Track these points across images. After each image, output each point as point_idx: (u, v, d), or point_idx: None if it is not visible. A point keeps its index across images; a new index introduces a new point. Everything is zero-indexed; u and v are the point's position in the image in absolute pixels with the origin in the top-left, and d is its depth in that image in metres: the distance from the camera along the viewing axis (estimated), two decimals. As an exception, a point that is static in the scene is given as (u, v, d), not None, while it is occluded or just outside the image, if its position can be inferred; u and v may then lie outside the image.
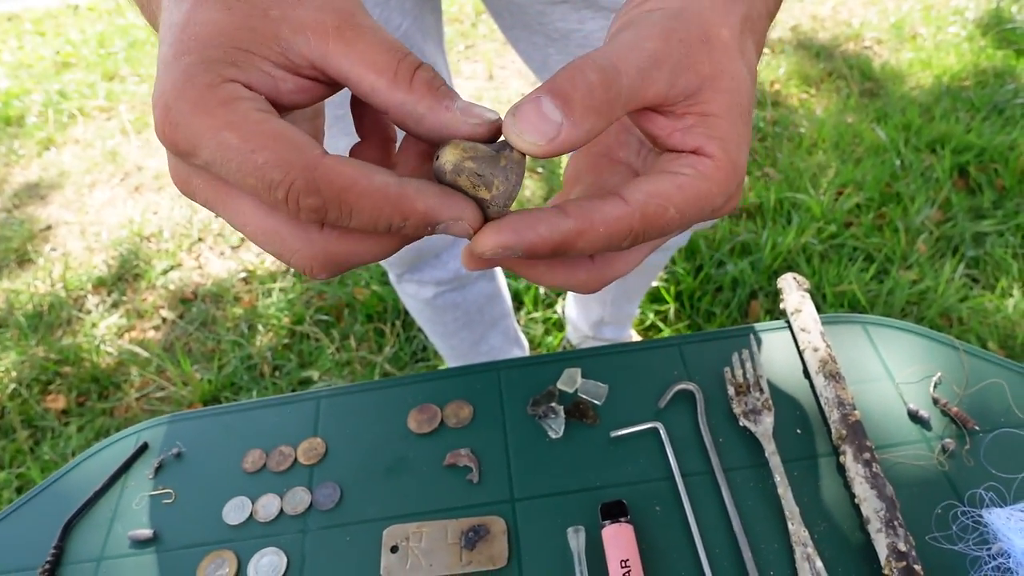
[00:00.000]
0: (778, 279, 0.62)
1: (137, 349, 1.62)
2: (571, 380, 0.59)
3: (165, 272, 1.83)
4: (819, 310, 1.49)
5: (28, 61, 2.85)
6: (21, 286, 1.81)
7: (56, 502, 0.56)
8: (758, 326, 0.62)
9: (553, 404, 0.57)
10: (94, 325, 1.69)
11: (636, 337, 1.41)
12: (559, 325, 1.54)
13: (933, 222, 1.67)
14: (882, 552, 0.46)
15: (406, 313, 1.59)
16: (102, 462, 0.59)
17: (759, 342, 0.60)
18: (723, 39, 0.29)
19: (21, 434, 1.48)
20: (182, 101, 0.24)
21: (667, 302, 1.53)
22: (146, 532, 0.53)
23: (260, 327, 1.64)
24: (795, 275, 0.62)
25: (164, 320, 1.71)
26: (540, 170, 1.96)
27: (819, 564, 0.47)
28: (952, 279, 1.53)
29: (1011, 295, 1.51)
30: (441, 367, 1.48)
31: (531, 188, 1.90)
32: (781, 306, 0.61)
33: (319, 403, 0.61)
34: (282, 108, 0.27)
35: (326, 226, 0.26)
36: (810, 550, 0.48)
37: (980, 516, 0.48)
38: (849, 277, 1.54)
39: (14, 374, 1.59)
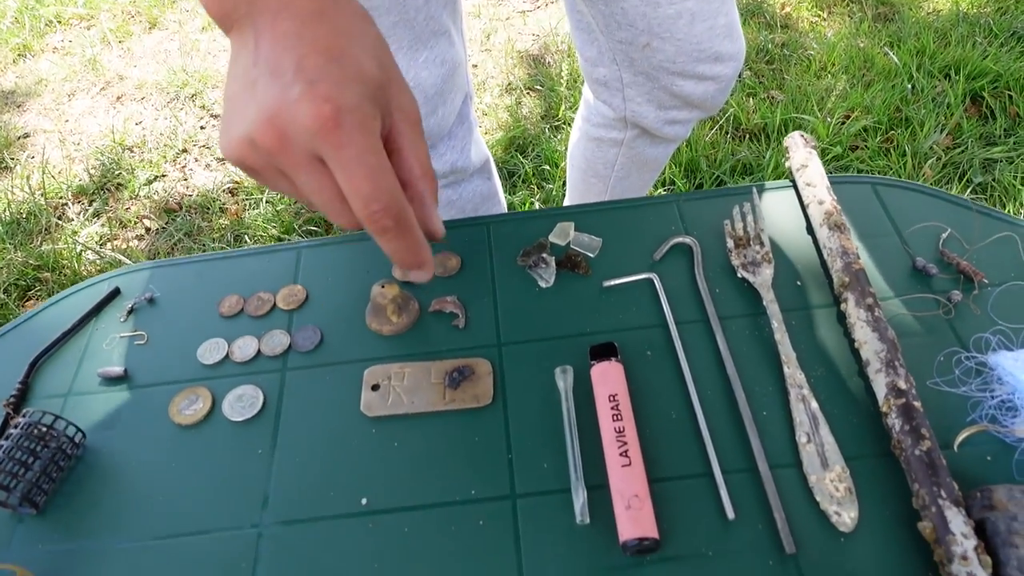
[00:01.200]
0: (785, 138, 0.59)
1: (120, 257, 1.58)
2: (564, 233, 0.56)
3: (149, 182, 1.78)
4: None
5: (6, -32, 2.73)
6: (-4, 195, 1.77)
7: (23, 342, 0.54)
8: (763, 184, 0.59)
9: (544, 255, 0.55)
10: (75, 233, 1.65)
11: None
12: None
13: (941, 147, 1.64)
14: (880, 392, 0.44)
15: (397, 224, 1.56)
16: (71, 306, 0.56)
17: (762, 200, 0.58)
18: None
19: (4, 338, 1.45)
20: (353, 116, 0.33)
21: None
22: (117, 370, 0.51)
23: (247, 237, 1.61)
24: (802, 133, 0.59)
25: (148, 230, 1.68)
26: (539, 87, 1.90)
27: (814, 405, 0.45)
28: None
29: (1014, 221, 1.48)
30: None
31: (528, 105, 1.85)
32: (787, 164, 0.59)
33: (300, 253, 0.58)
34: None
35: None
36: (805, 392, 0.46)
37: (985, 360, 0.46)
38: (850, 198, 1.51)
39: (-6, 280, 1.55)
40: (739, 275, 0.52)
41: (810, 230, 0.55)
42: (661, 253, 0.54)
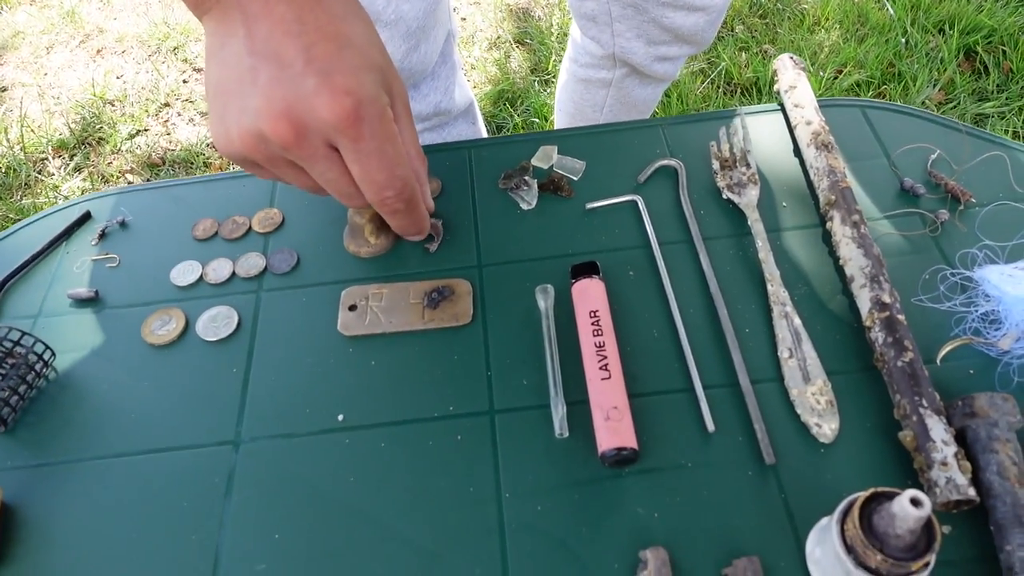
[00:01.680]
0: (775, 61, 0.57)
1: (104, 211, 1.55)
2: (546, 157, 0.55)
3: (131, 136, 1.74)
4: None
5: (-19, -80, 2.64)
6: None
7: (-10, 265, 0.52)
8: (748, 108, 0.57)
9: (526, 178, 0.53)
10: (56, 188, 1.62)
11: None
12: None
13: (934, 102, 1.62)
14: (864, 306, 0.43)
15: (384, 178, 1.54)
16: (41, 229, 0.55)
17: (749, 121, 0.56)
18: None
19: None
20: (373, 107, 0.34)
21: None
22: (87, 291, 0.50)
23: (232, 192, 1.58)
24: (792, 55, 0.58)
25: (130, 184, 1.64)
26: (528, 40, 1.86)
27: (797, 321, 0.45)
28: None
29: (1003, 176, 1.48)
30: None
31: (517, 59, 1.82)
32: (775, 87, 0.57)
33: (276, 184, 0.56)
34: None
35: None
36: (788, 309, 0.45)
37: (970, 276, 0.45)
38: (841, 152, 1.49)
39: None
40: (724, 196, 0.51)
41: (797, 152, 0.54)
42: (645, 175, 0.53)
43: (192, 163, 1.66)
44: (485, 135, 1.10)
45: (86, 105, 1.81)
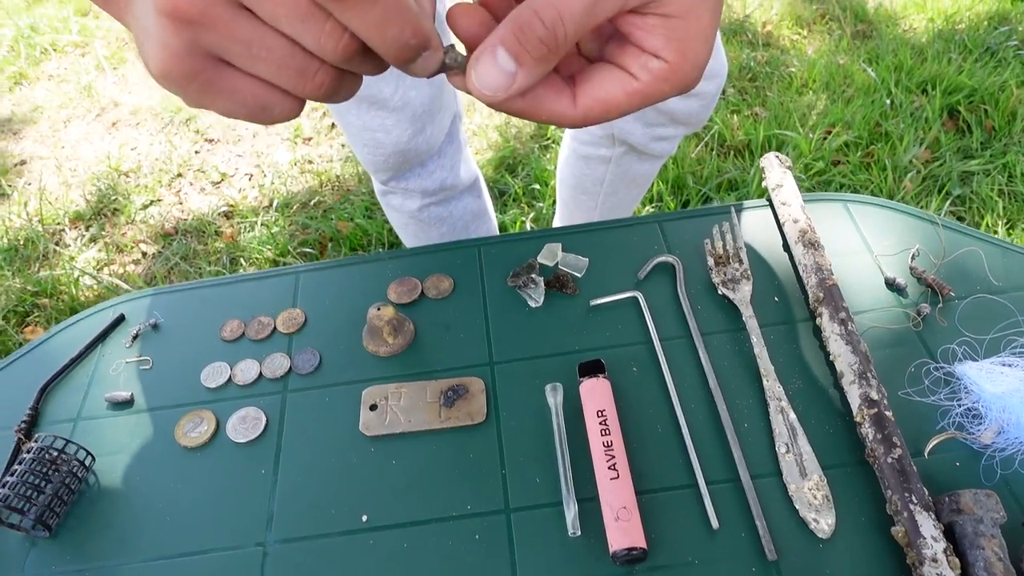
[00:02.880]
0: (761, 159, 0.61)
1: (118, 281, 1.60)
2: (552, 254, 0.59)
3: (145, 207, 1.80)
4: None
5: (-1, -3, 2.76)
6: (-8, 224, 1.78)
7: (32, 369, 0.56)
8: (741, 204, 0.61)
9: (533, 275, 0.57)
10: (72, 259, 1.67)
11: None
12: (544, 257, 1.53)
13: (921, 161, 1.67)
14: (854, 402, 0.46)
15: (391, 244, 1.58)
16: (78, 333, 0.58)
17: (740, 219, 0.60)
18: None
19: None
20: None
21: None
22: (123, 394, 0.53)
23: (242, 260, 1.63)
24: (777, 154, 0.62)
25: (144, 254, 1.69)
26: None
27: (792, 416, 0.47)
28: (938, 215, 1.54)
29: (996, 232, 1.52)
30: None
31: (518, 126, 1.88)
32: (763, 184, 0.61)
33: (298, 278, 0.60)
34: None
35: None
36: (784, 404, 0.48)
37: (952, 370, 0.48)
38: (834, 212, 1.54)
39: (-10, 306, 1.57)
40: (720, 292, 0.55)
41: (786, 247, 0.58)
42: (645, 272, 0.57)
43: (204, 231, 1.71)
44: (490, 208, 1.15)
45: (102, 177, 1.88)
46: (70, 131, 2.07)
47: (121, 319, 0.58)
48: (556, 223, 1.35)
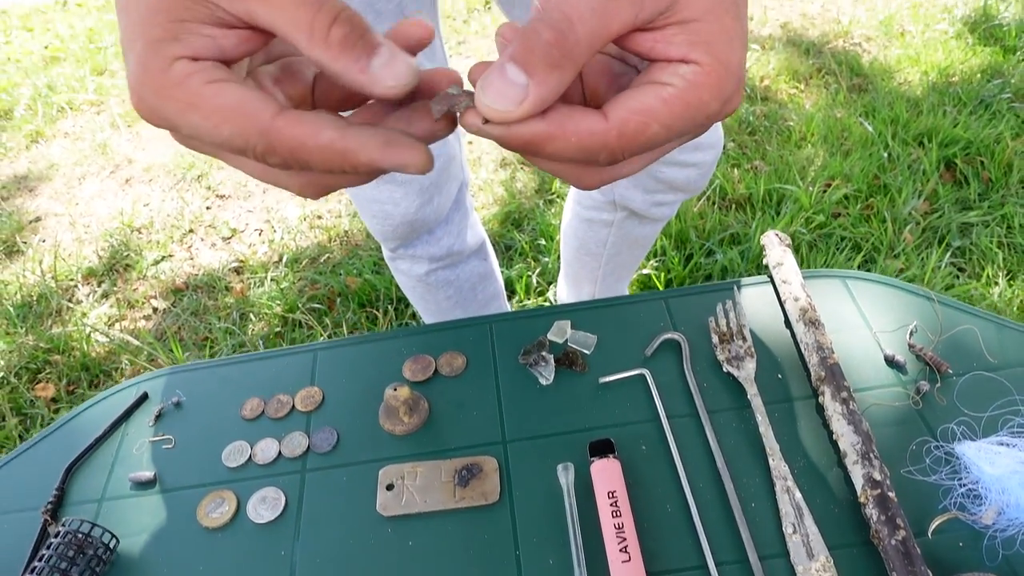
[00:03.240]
0: (762, 236, 0.64)
1: (128, 338, 1.62)
2: (561, 331, 0.61)
3: (156, 263, 1.83)
4: (805, 296, 1.52)
5: (16, 56, 2.85)
6: (10, 277, 1.82)
7: (58, 448, 0.57)
8: (742, 280, 0.64)
9: (544, 353, 0.59)
10: (84, 315, 1.70)
11: (626, 322, 1.42)
12: (550, 312, 1.55)
13: (920, 213, 1.71)
14: (858, 482, 0.48)
15: (399, 300, 1.61)
16: (103, 411, 0.60)
17: (743, 295, 0.62)
18: None
19: (11, 422, 1.48)
20: (146, 90, 0.27)
21: (657, 290, 1.55)
22: (147, 474, 0.54)
23: (252, 316, 1.65)
24: (777, 232, 0.64)
25: (155, 310, 1.72)
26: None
27: (798, 495, 0.49)
28: (938, 268, 1.56)
29: (996, 283, 1.54)
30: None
31: (523, 180, 1.93)
32: (764, 261, 0.64)
33: (316, 355, 0.62)
34: (233, 61, 0.29)
35: None
36: (790, 483, 0.49)
37: (952, 449, 0.50)
38: (836, 265, 1.56)
39: (3, 362, 1.59)
40: (724, 370, 0.57)
41: (788, 324, 0.60)
42: (652, 349, 0.59)
43: (214, 287, 1.74)
44: (496, 269, 1.17)
45: (115, 233, 1.92)
46: (84, 188, 2.12)
47: (144, 397, 0.60)
48: (560, 282, 1.38)
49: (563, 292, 1.37)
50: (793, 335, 0.59)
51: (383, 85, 0.27)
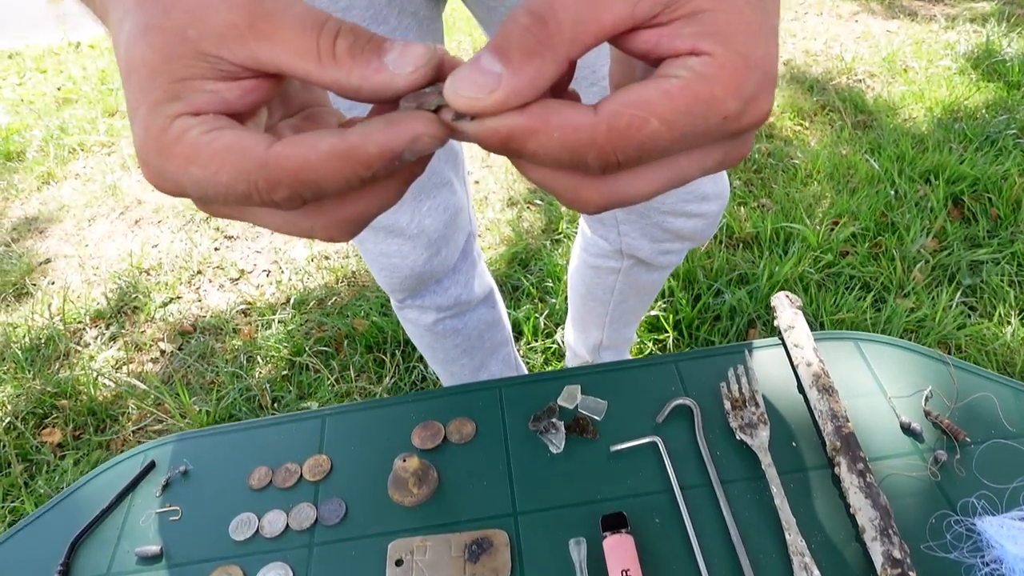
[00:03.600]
0: (772, 298, 0.63)
1: (135, 381, 1.62)
2: (571, 397, 0.60)
3: (164, 305, 1.84)
4: (815, 337, 1.51)
5: (29, 97, 2.91)
6: (19, 320, 1.82)
7: (63, 520, 0.57)
8: (753, 343, 0.63)
9: (554, 420, 0.58)
10: (92, 358, 1.70)
11: (634, 365, 1.42)
12: (558, 355, 1.55)
13: (929, 251, 1.70)
14: (877, 560, 0.47)
15: (406, 343, 1.60)
16: (109, 480, 0.59)
17: (754, 359, 0.62)
18: None
19: (16, 468, 1.47)
20: (150, 153, 0.26)
21: (666, 331, 1.55)
22: (153, 548, 0.54)
23: (259, 359, 1.65)
24: (788, 294, 0.64)
25: (163, 353, 1.72)
26: (539, 201, 1.99)
27: (817, 573, 0.48)
28: (949, 307, 1.55)
29: (1008, 323, 1.52)
30: (441, 396, 1.48)
31: (529, 220, 1.93)
32: (775, 323, 0.63)
33: (324, 421, 0.62)
34: (243, 115, 0.28)
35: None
36: (807, 559, 0.48)
37: (973, 524, 0.49)
38: (846, 305, 1.55)
39: (10, 407, 1.59)
40: (738, 437, 0.56)
41: (801, 389, 0.59)
42: (663, 416, 0.58)
43: (222, 329, 1.74)
44: (504, 316, 1.17)
45: (123, 275, 1.93)
46: (94, 229, 2.14)
47: (151, 466, 0.60)
48: (568, 326, 1.38)
49: (571, 336, 1.37)
50: (807, 400, 0.58)
51: (404, 74, 0.25)
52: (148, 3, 0.27)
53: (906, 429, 0.55)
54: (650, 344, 1.54)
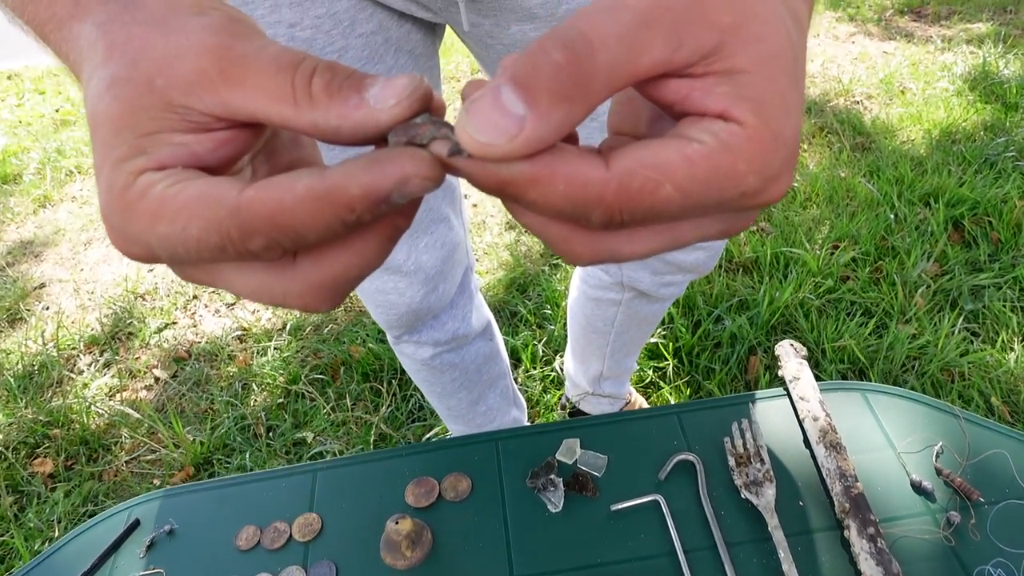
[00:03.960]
0: (776, 346, 0.62)
1: (128, 410, 1.60)
2: (570, 451, 0.58)
3: (159, 330, 1.82)
4: (818, 366, 1.49)
5: (27, 119, 2.90)
6: (12, 345, 1.80)
7: (43, 583, 0.55)
8: (757, 394, 0.61)
9: (552, 476, 0.56)
10: (85, 386, 1.68)
11: (635, 393, 1.40)
12: (557, 383, 1.53)
13: (930, 275, 1.69)
14: (892, 633, 0.45)
15: (403, 371, 1.58)
16: (93, 539, 0.57)
17: (758, 409, 0.60)
18: None
19: (5, 500, 1.45)
20: (116, 216, 0.24)
21: (666, 359, 1.53)
22: (134, 616, 0.52)
23: (254, 386, 1.63)
24: (792, 342, 0.62)
25: (157, 380, 1.70)
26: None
27: (828, 646, 0.46)
28: (952, 333, 1.53)
29: (1012, 349, 1.51)
30: (438, 427, 1.46)
31: (527, 244, 1.92)
32: (779, 373, 0.61)
33: (315, 476, 0.60)
34: (216, 170, 0.26)
35: (297, 256, 0.25)
36: (818, 631, 0.46)
37: (990, 594, 0.47)
38: (848, 332, 1.54)
39: (1, 436, 1.56)
40: (743, 496, 0.54)
41: (807, 443, 0.57)
42: (665, 472, 0.56)
43: (217, 355, 1.72)
44: (502, 348, 1.15)
45: (118, 300, 1.91)
46: (90, 253, 2.13)
47: (136, 525, 0.58)
48: (567, 357, 1.36)
49: (570, 366, 1.35)
50: (813, 456, 0.56)
51: (387, 107, 0.22)
52: (116, 55, 0.25)
53: (917, 488, 0.53)
54: (650, 372, 1.52)
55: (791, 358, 0.61)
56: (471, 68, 2.83)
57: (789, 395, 0.60)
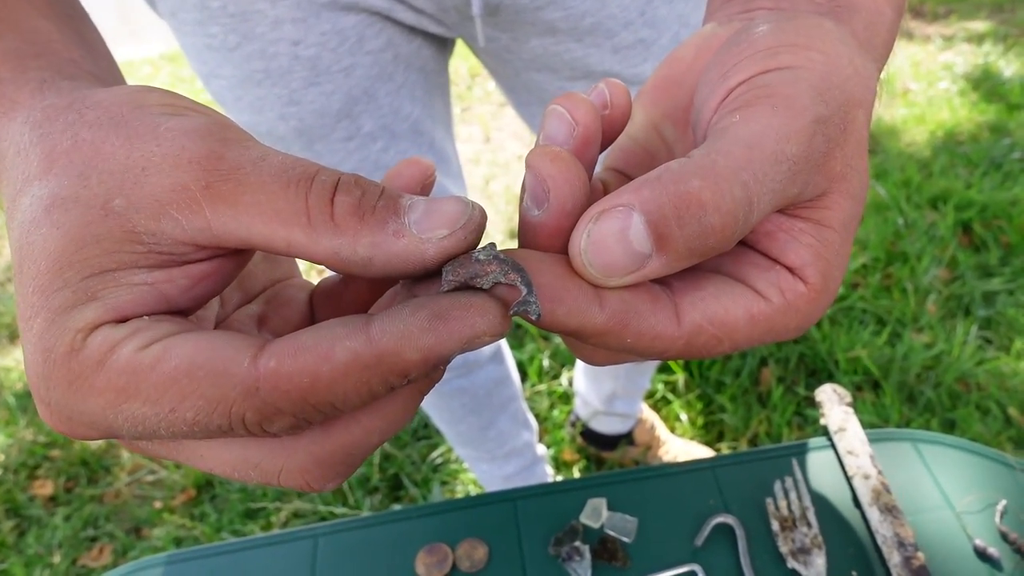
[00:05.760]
0: (816, 391, 0.57)
1: (121, 430, 1.54)
2: (596, 513, 0.53)
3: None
4: (832, 378, 1.45)
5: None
6: (12, 363, 1.75)
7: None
8: (799, 445, 0.56)
9: (577, 543, 0.51)
10: (79, 404, 1.62)
11: (647, 409, 1.35)
12: (565, 398, 1.48)
13: (941, 281, 1.65)
14: None
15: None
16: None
17: (801, 464, 0.55)
18: (859, 125, 0.22)
19: (5, 525, 1.39)
20: (55, 391, 0.18)
21: (675, 372, 1.48)
22: None
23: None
24: (835, 387, 0.57)
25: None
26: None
27: None
28: (966, 342, 1.49)
29: (1027, 355, 1.47)
30: (443, 446, 1.41)
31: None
32: (822, 421, 0.57)
33: (317, 542, 0.55)
34: (189, 309, 0.21)
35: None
36: None
37: None
38: (861, 342, 1.49)
39: (1, 458, 1.51)
40: (789, 565, 0.49)
41: (857, 503, 0.52)
42: (702, 537, 0.51)
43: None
44: (513, 370, 1.10)
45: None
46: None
47: (121, 602, 0.53)
48: (579, 376, 1.31)
49: (581, 386, 1.30)
50: (864, 518, 0.51)
51: (435, 239, 0.19)
52: (58, 166, 0.19)
53: (982, 555, 0.49)
54: (660, 386, 1.47)
55: (835, 405, 0.56)
56: (469, 72, 2.77)
57: (834, 446, 0.55)
